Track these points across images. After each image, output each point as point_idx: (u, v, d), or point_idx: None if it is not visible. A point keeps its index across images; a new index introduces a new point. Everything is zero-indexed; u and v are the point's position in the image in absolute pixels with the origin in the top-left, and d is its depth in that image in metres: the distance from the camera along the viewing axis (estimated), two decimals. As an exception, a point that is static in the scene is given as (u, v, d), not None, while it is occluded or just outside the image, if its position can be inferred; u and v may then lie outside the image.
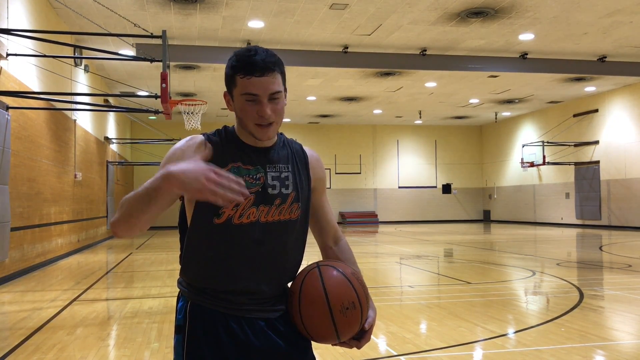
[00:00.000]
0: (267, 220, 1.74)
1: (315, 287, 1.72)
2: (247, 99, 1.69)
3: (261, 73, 1.67)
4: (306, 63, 15.55)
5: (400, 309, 6.59)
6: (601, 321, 5.83)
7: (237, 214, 1.70)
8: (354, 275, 1.77)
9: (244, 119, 1.72)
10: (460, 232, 21.68)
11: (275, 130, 1.77)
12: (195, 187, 1.44)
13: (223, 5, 11.85)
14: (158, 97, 8.48)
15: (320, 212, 1.97)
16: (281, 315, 1.82)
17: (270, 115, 1.69)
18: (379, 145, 30.61)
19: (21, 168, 9.66)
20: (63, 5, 11.32)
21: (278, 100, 1.71)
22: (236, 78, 1.69)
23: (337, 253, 2.00)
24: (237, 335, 1.74)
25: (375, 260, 12.20)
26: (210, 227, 1.71)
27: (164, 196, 1.51)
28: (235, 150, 1.75)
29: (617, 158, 21.58)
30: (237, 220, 1.70)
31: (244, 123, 1.73)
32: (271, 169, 1.78)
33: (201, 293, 1.76)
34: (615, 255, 12.29)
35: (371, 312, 1.82)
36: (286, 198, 1.77)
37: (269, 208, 1.74)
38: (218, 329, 1.74)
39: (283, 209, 1.77)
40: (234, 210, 1.69)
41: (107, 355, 4.74)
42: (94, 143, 17.16)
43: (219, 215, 1.69)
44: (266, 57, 1.69)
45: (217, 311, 1.74)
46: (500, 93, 21.75)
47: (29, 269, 10.10)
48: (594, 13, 12.66)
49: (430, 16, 12.72)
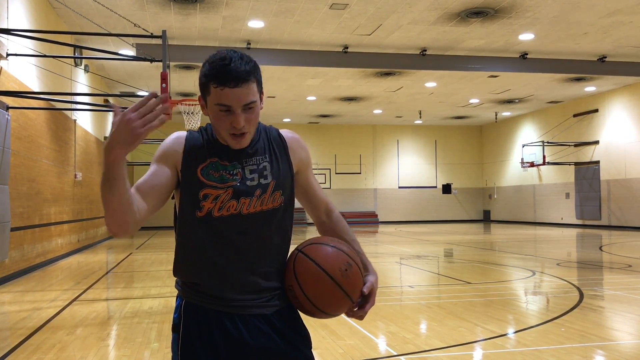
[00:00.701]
0: (249, 211, 1.76)
1: (309, 268, 1.75)
2: (221, 109, 1.67)
3: (235, 84, 1.64)
4: (306, 63, 15.55)
5: (400, 309, 6.59)
6: (601, 321, 5.83)
7: (216, 207, 1.73)
8: (335, 241, 1.84)
9: (218, 127, 1.73)
10: (460, 232, 21.68)
11: (250, 138, 1.78)
12: (125, 135, 1.49)
13: (223, 5, 11.85)
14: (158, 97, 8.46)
15: (309, 191, 2.00)
16: (277, 311, 1.82)
17: (243, 125, 1.69)
18: (379, 145, 30.61)
19: (21, 168, 9.66)
20: (63, 5, 11.32)
21: (253, 110, 1.70)
22: (209, 87, 1.67)
23: (331, 226, 2.04)
24: (231, 333, 1.75)
25: (376, 260, 12.20)
26: (194, 222, 1.75)
27: (118, 168, 1.54)
28: (212, 146, 1.79)
29: (617, 158, 21.58)
30: (217, 213, 1.73)
31: (217, 131, 1.76)
32: (248, 163, 1.79)
33: (194, 291, 1.78)
34: (615, 255, 12.29)
35: (371, 277, 1.86)
36: (266, 188, 1.79)
37: (250, 199, 1.76)
38: (211, 327, 1.75)
39: (265, 199, 1.78)
40: (212, 203, 1.73)
41: (107, 355, 4.74)
42: (94, 143, 17.17)
43: (200, 209, 1.74)
44: (241, 65, 1.65)
45: (211, 309, 1.76)
46: (500, 93, 21.75)
47: (29, 269, 10.09)
48: (594, 13, 12.66)
49: (430, 16, 12.72)
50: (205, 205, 1.73)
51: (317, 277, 1.73)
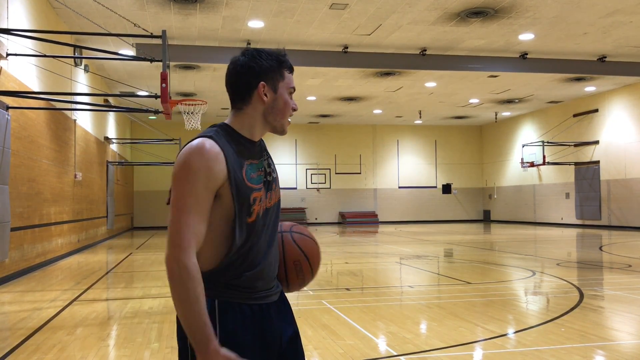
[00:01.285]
0: (271, 204, 1.86)
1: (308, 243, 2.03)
2: (290, 92, 1.87)
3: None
4: (306, 63, 15.54)
5: (400, 309, 6.59)
6: (601, 321, 5.83)
7: (261, 208, 1.81)
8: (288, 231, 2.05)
9: (284, 111, 1.86)
10: (460, 232, 21.68)
11: None
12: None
13: (223, 5, 11.85)
14: (158, 97, 8.47)
15: None
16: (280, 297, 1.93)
17: None
18: (379, 145, 30.61)
19: (21, 168, 9.66)
20: (63, 5, 11.32)
21: None
22: (283, 72, 1.85)
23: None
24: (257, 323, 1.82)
25: (375, 260, 12.20)
26: (243, 227, 1.77)
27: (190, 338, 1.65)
28: (241, 147, 1.80)
29: (617, 158, 21.58)
30: (263, 209, 1.83)
31: (278, 117, 1.86)
32: (265, 157, 1.89)
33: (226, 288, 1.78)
34: (615, 255, 12.29)
35: None
36: (276, 180, 1.93)
37: (271, 193, 1.86)
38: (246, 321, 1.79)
39: (277, 191, 1.91)
40: (259, 205, 1.80)
41: (107, 355, 4.74)
42: (94, 143, 17.17)
43: (250, 214, 1.77)
44: None
45: (245, 304, 1.79)
46: (500, 93, 21.75)
47: (29, 269, 10.09)
48: (594, 13, 12.66)
49: (430, 16, 12.72)
50: (255, 210, 1.78)
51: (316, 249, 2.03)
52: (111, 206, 19.29)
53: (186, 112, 12.04)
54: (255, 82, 1.80)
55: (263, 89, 1.80)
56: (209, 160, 1.69)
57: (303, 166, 29.81)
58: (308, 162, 29.86)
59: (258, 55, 1.81)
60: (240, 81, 1.81)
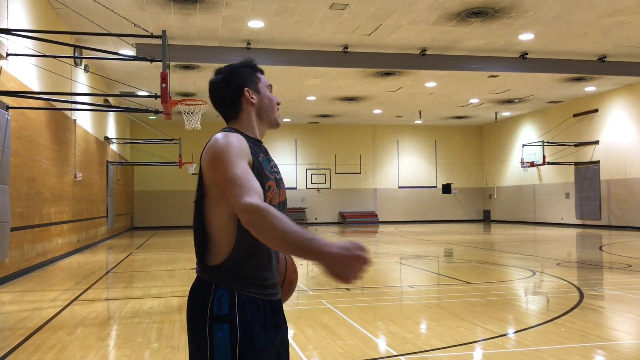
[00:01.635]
0: (280, 200, 2.00)
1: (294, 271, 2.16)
2: (269, 89, 2.10)
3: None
4: (306, 63, 15.54)
5: (400, 309, 6.59)
6: (601, 321, 5.83)
7: (275, 196, 1.95)
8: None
9: (272, 106, 2.08)
10: (460, 232, 21.68)
11: None
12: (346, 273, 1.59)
13: (223, 5, 11.85)
14: (158, 97, 8.47)
15: None
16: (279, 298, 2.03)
17: None
18: (379, 145, 30.61)
19: (21, 168, 9.66)
20: (63, 5, 11.32)
21: None
22: (258, 75, 2.09)
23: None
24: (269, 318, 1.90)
25: (375, 260, 12.20)
26: None
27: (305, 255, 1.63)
28: (252, 144, 1.96)
29: (617, 158, 21.58)
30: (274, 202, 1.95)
31: (269, 112, 2.07)
32: (271, 158, 2.06)
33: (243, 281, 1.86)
34: (615, 255, 12.29)
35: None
36: (282, 182, 2.07)
37: (281, 190, 2.02)
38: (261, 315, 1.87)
39: (283, 191, 2.05)
40: (272, 194, 1.94)
41: (107, 355, 4.74)
42: (94, 143, 17.16)
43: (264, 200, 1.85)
44: None
45: (259, 299, 1.88)
46: (500, 93, 21.75)
47: (29, 269, 10.09)
48: (594, 13, 12.66)
49: (430, 16, 12.72)
50: (269, 196, 1.91)
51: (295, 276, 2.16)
52: (111, 206, 19.29)
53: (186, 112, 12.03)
54: (240, 91, 2.02)
55: (248, 94, 2.03)
56: (240, 140, 1.89)
57: (303, 166, 29.81)
58: (308, 162, 29.86)
59: (232, 69, 2.05)
60: (227, 95, 2.03)
